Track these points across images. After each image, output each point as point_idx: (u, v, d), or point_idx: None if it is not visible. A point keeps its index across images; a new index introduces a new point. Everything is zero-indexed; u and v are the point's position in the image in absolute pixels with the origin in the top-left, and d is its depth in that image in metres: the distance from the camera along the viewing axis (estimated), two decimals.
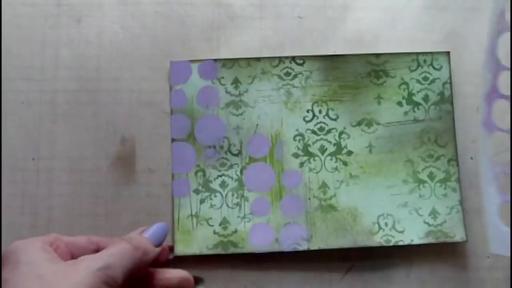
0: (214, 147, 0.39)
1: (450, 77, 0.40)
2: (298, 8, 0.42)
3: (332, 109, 0.40)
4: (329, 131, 0.40)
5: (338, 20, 0.42)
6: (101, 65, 0.41)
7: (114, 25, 0.41)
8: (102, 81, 0.41)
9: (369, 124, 0.40)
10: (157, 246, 0.33)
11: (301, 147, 0.39)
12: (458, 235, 0.39)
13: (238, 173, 0.39)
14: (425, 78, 0.40)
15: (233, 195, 0.39)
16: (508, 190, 0.36)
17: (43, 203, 0.40)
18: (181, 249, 0.38)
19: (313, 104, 0.40)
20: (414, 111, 0.40)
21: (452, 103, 0.40)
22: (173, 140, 0.40)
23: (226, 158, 0.39)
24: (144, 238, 0.33)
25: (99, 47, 0.41)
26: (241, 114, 0.40)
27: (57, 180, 0.40)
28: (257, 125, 0.40)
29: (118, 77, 0.40)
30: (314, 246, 0.38)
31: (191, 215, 0.39)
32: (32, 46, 0.41)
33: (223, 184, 0.39)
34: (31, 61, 0.41)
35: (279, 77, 0.40)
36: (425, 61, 0.40)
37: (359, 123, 0.40)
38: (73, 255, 0.32)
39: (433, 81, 0.40)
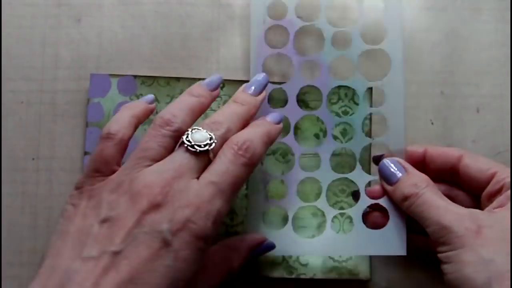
0: None
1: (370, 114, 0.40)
2: None
3: None
4: None
5: None
6: (101, 65, 0.41)
7: (114, 25, 0.41)
8: None
9: (284, 154, 0.40)
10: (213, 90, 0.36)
11: None
12: (362, 273, 0.39)
13: None
14: (345, 112, 0.40)
15: None
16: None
17: (43, 203, 0.40)
18: None
19: None
20: (331, 144, 0.39)
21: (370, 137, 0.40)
22: (86, 153, 0.39)
23: None
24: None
25: (99, 47, 0.41)
26: None
27: (57, 180, 0.40)
28: None
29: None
30: None
31: None
32: (32, 46, 0.41)
33: None
34: (31, 61, 0.41)
35: None
36: (346, 94, 0.40)
37: (273, 152, 0.40)
38: None
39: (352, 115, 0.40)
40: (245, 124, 0.35)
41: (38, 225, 0.39)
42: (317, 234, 0.39)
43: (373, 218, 0.38)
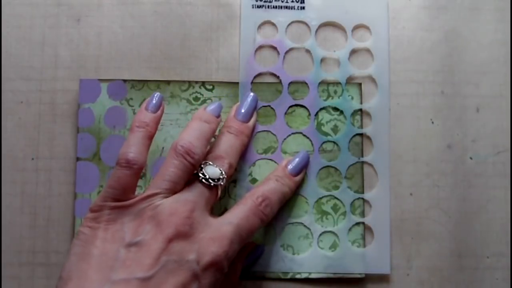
0: None
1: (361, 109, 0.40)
2: None
3: None
4: None
5: None
6: (101, 65, 0.41)
7: (113, 25, 0.41)
8: None
9: (276, 152, 0.40)
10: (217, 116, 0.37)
11: None
12: (357, 270, 0.39)
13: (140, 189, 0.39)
14: (335, 109, 0.40)
15: None
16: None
17: (42, 203, 0.40)
18: None
19: (220, 130, 0.40)
20: (318, 161, 0.40)
21: (361, 135, 0.40)
22: (78, 159, 0.39)
23: None
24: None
25: (99, 47, 0.41)
26: None
27: (57, 180, 0.40)
28: (163, 148, 0.39)
29: (118, 77, 0.40)
30: None
31: None
32: (31, 46, 0.41)
33: None
34: (30, 61, 0.41)
35: (188, 101, 0.40)
36: (335, 91, 0.40)
37: (265, 151, 0.40)
38: None
39: (342, 112, 0.40)
40: (241, 154, 0.38)
41: (38, 225, 0.39)
42: (304, 251, 0.39)
43: None
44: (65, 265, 0.32)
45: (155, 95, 0.37)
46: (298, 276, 0.39)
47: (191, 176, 0.35)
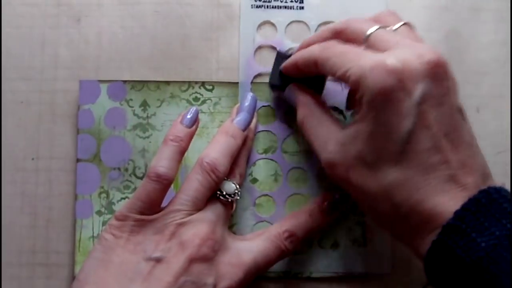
0: (119, 169, 0.39)
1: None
2: None
3: None
4: None
5: None
6: (101, 65, 0.41)
7: (113, 25, 0.41)
8: None
9: (276, 152, 0.40)
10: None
11: None
12: (358, 269, 0.39)
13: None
14: (334, 108, 0.40)
15: None
16: None
17: (42, 203, 0.40)
18: None
19: None
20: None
21: None
22: (78, 160, 0.39)
23: (130, 181, 0.39)
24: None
25: (99, 47, 0.41)
26: (147, 137, 0.39)
27: (57, 180, 0.40)
28: None
29: (118, 77, 0.40)
30: None
31: (93, 236, 0.38)
32: (31, 46, 0.41)
33: None
34: (31, 61, 0.41)
35: (188, 101, 0.40)
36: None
37: (265, 151, 0.40)
38: None
39: (341, 112, 0.40)
40: (247, 159, 0.39)
41: (38, 225, 0.39)
42: (304, 250, 0.39)
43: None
44: (83, 267, 0.32)
45: (191, 110, 0.36)
46: (299, 276, 0.39)
47: (213, 192, 0.35)
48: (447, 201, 0.29)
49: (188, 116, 0.36)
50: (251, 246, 0.35)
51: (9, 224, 0.39)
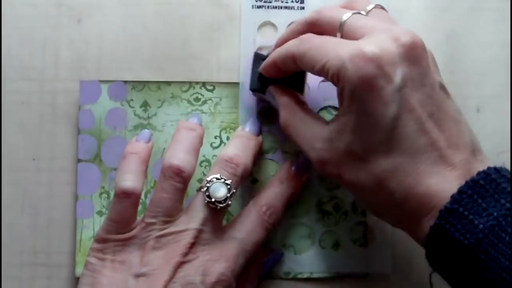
0: None
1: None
2: None
3: None
4: None
5: None
6: (101, 65, 0.41)
7: (114, 26, 0.41)
8: None
9: (276, 152, 0.40)
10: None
11: (206, 173, 0.38)
12: (358, 269, 0.39)
13: (143, 196, 0.38)
14: (335, 108, 0.40)
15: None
16: None
17: (43, 203, 0.40)
18: (81, 270, 0.35)
19: (221, 131, 0.40)
20: None
21: None
22: (79, 160, 0.39)
23: None
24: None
25: (99, 47, 0.41)
26: None
27: (58, 181, 0.40)
28: (164, 149, 0.39)
29: (119, 78, 0.40)
30: None
31: (94, 237, 0.38)
32: (32, 47, 0.41)
33: None
34: (31, 61, 0.41)
35: (189, 102, 0.40)
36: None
37: (266, 151, 0.40)
38: None
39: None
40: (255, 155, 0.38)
41: (38, 226, 0.39)
42: (305, 251, 0.39)
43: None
44: None
45: (144, 132, 0.37)
46: (299, 276, 0.39)
47: (184, 194, 0.34)
48: (440, 182, 0.29)
49: (142, 135, 0.37)
50: (233, 233, 0.35)
51: (9, 224, 0.39)
